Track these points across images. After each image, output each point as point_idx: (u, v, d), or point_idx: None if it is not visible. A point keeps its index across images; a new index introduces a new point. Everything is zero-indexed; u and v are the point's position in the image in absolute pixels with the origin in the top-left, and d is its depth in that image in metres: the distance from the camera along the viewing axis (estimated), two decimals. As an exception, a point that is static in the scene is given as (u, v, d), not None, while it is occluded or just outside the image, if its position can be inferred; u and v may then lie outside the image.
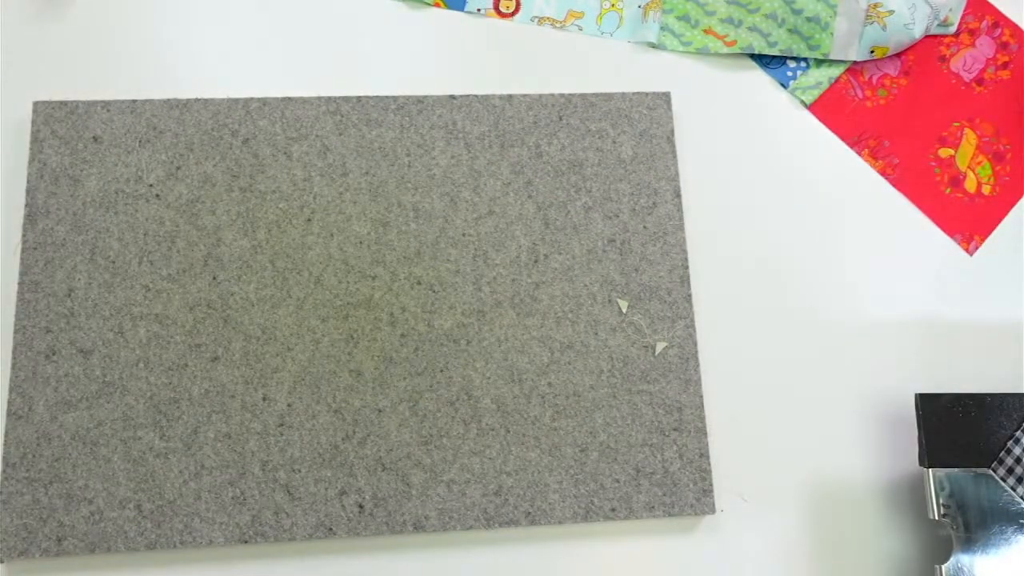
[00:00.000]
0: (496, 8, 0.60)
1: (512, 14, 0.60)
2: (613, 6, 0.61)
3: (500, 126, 0.55)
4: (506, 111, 0.56)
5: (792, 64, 0.61)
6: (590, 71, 0.59)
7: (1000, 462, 0.49)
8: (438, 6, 0.60)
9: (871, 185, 0.59)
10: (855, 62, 0.61)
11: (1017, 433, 0.50)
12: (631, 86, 0.59)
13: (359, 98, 0.55)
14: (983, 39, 0.63)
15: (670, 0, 0.60)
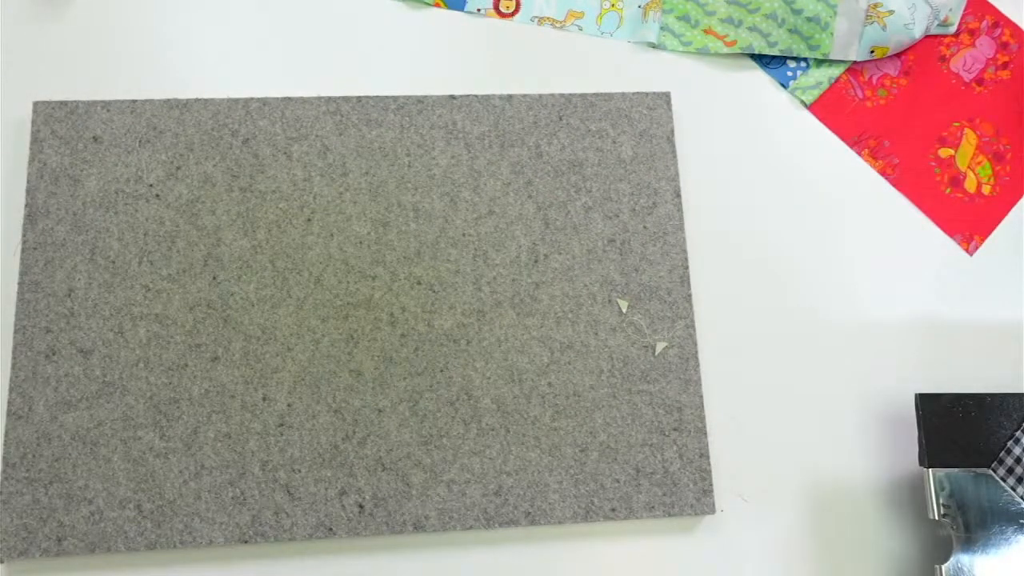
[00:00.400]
0: (496, 8, 0.60)
1: (512, 14, 0.60)
2: (613, 6, 0.61)
3: (500, 126, 0.55)
4: (506, 111, 0.56)
5: (792, 64, 0.61)
6: (590, 71, 0.59)
7: (1000, 462, 0.49)
8: (438, 6, 0.60)
9: (871, 185, 0.59)
10: (855, 62, 0.61)
11: (1017, 433, 0.50)
12: (631, 86, 0.59)
13: (359, 98, 0.55)
14: (983, 39, 0.63)
15: (670, 0, 0.60)
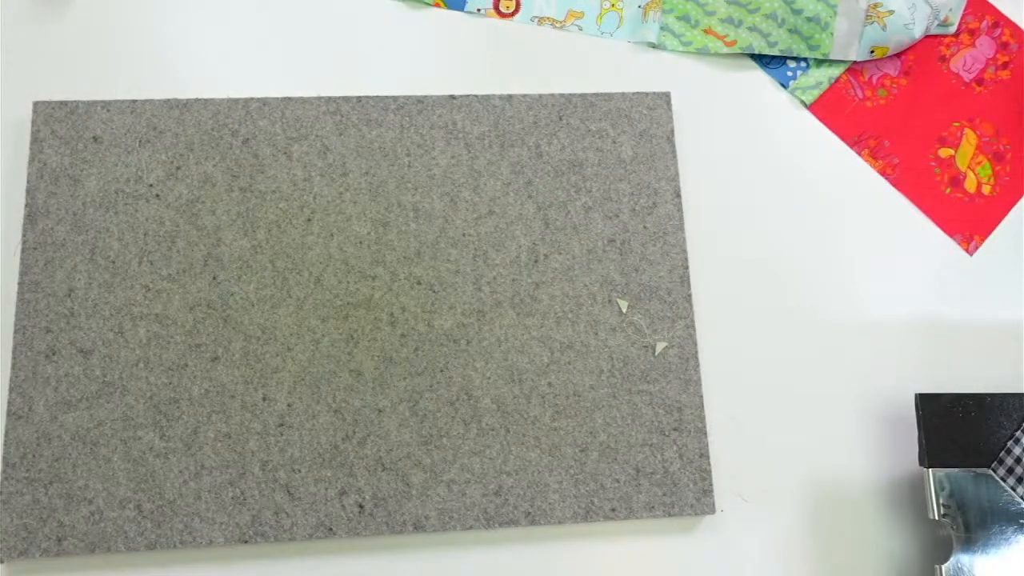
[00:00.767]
0: (496, 8, 0.60)
1: (512, 14, 0.60)
2: (613, 6, 0.61)
3: (500, 126, 0.55)
4: (506, 111, 0.56)
5: (792, 64, 0.61)
6: (590, 71, 0.59)
7: (1000, 462, 0.49)
8: (438, 6, 0.60)
9: (871, 185, 0.59)
10: (855, 62, 0.61)
11: (1017, 433, 0.50)
12: (631, 86, 0.59)
13: (359, 98, 0.55)
14: (983, 39, 0.63)
15: (670, 0, 0.60)
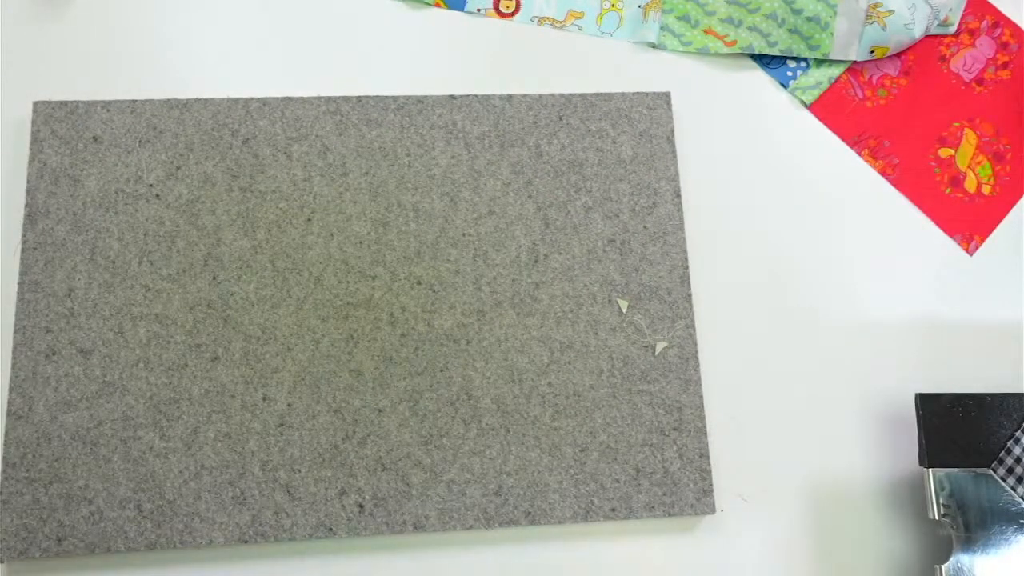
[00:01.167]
0: (496, 8, 0.60)
1: (512, 14, 0.60)
2: (613, 6, 0.61)
3: (500, 126, 0.55)
4: (506, 111, 0.56)
5: (792, 64, 0.61)
6: (590, 71, 0.59)
7: (1000, 462, 0.49)
8: (438, 6, 0.60)
9: (871, 185, 0.59)
10: (855, 62, 0.61)
11: (1017, 433, 0.50)
12: (631, 86, 0.59)
13: (359, 98, 0.55)
14: (983, 39, 0.63)
15: (670, 0, 0.60)
